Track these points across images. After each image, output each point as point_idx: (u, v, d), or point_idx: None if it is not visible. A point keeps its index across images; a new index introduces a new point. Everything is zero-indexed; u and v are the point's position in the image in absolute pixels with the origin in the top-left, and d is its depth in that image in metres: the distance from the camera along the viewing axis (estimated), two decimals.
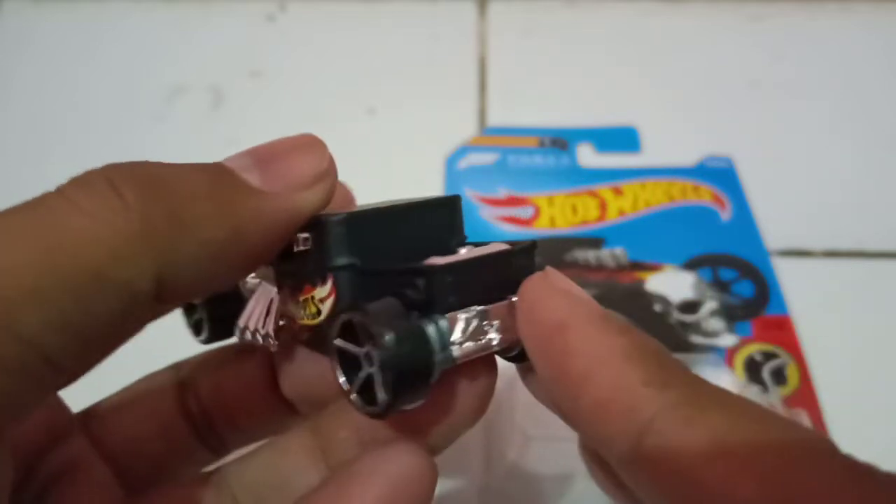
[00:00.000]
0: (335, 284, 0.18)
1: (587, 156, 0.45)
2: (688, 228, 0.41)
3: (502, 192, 0.43)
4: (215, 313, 0.22)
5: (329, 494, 0.17)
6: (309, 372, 0.22)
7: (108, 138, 0.46)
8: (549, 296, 0.17)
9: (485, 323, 0.18)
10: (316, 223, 0.18)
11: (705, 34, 0.51)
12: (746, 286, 0.38)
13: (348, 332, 0.17)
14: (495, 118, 0.47)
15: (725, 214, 0.42)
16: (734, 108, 0.47)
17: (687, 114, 0.47)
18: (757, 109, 0.47)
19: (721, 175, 0.43)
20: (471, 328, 0.17)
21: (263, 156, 0.18)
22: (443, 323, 0.17)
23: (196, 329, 0.23)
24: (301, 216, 0.18)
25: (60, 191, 0.16)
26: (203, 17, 0.52)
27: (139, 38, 0.51)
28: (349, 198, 0.23)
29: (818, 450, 0.14)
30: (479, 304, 0.17)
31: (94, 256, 0.14)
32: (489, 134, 0.46)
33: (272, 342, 0.20)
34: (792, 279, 0.39)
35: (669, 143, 0.45)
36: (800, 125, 0.46)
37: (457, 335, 0.17)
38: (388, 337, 0.16)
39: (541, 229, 0.41)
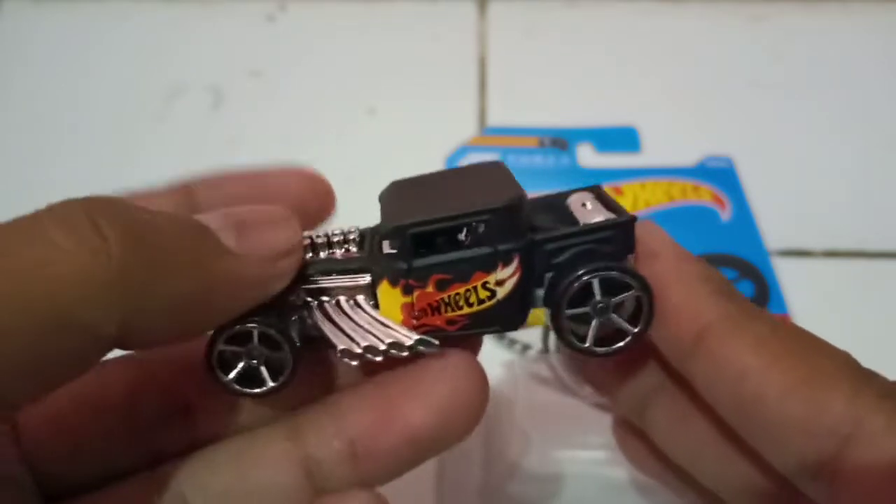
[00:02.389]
0: (521, 262, 0.20)
1: (587, 156, 0.45)
2: (688, 228, 0.41)
3: None
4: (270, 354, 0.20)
5: (401, 388, 0.19)
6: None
7: (108, 138, 0.46)
8: (648, 234, 0.21)
9: None
10: (486, 210, 0.20)
11: (705, 34, 0.51)
12: (746, 286, 0.38)
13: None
14: (495, 118, 0.47)
15: (725, 214, 0.42)
16: (734, 108, 0.47)
17: (687, 114, 0.47)
18: (757, 109, 0.47)
19: (721, 175, 0.43)
20: None
21: (241, 221, 0.18)
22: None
23: (244, 381, 0.20)
24: (267, 285, 0.18)
25: (39, 220, 0.15)
26: (203, 17, 0.52)
27: (139, 38, 0.51)
28: (327, 190, 0.24)
29: (836, 353, 0.19)
30: None
31: (65, 297, 0.14)
32: (489, 134, 0.46)
33: (405, 350, 0.20)
34: (792, 279, 0.39)
35: (669, 143, 0.45)
36: (800, 125, 0.46)
37: None
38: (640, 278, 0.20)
39: None
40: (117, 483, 0.20)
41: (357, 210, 0.23)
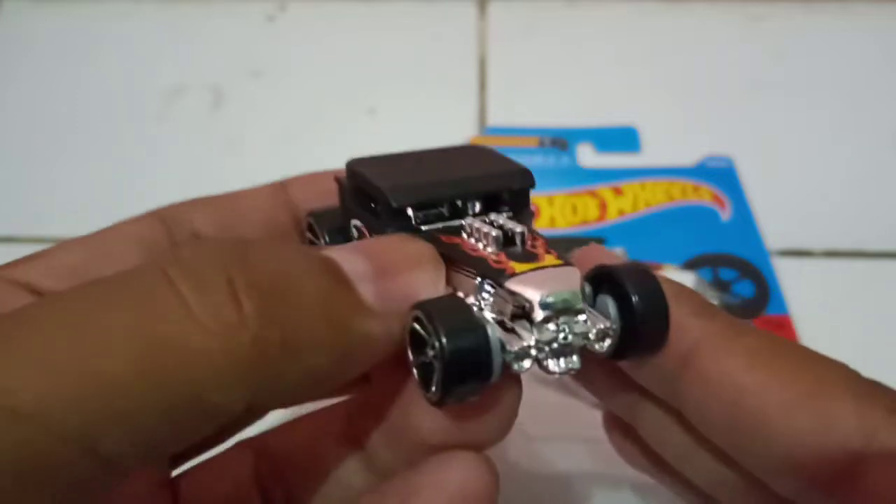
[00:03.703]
0: None
1: (587, 156, 0.45)
2: (688, 228, 0.41)
3: None
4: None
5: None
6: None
7: (108, 138, 0.46)
8: (606, 256, 0.20)
9: None
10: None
11: (705, 34, 0.51)
12: (746, 286, 0.38)
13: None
14: (495, 118, 0.47)
15: (725, 214, 0.42)
16: (734, 108, 0.47)
17: (687, 114, 0.47)
18: (757, 109, 0.47)
19: (721, 175, 0.43)
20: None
21: (383, 265, 0.16)
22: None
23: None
24: (395, 343, 0.16)
25: (170, 279, 0.13)
26: (203, 17, 0.52)
27: (139, 38, 0.51)
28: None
29: (835, 364, 0.18)
30: None
31: (198, 380, 0.13)
32: (489, 134, 0.46)
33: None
34: (792, 279, 0.39)
35: (669, 143, 0.45)
36: (800, 125, 0.46)
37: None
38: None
39: (541, 229, 0.41)
40: (229, 449, 0.21)
41: None
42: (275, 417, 0.22)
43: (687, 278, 0.39)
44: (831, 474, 0.17)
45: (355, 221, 0.21)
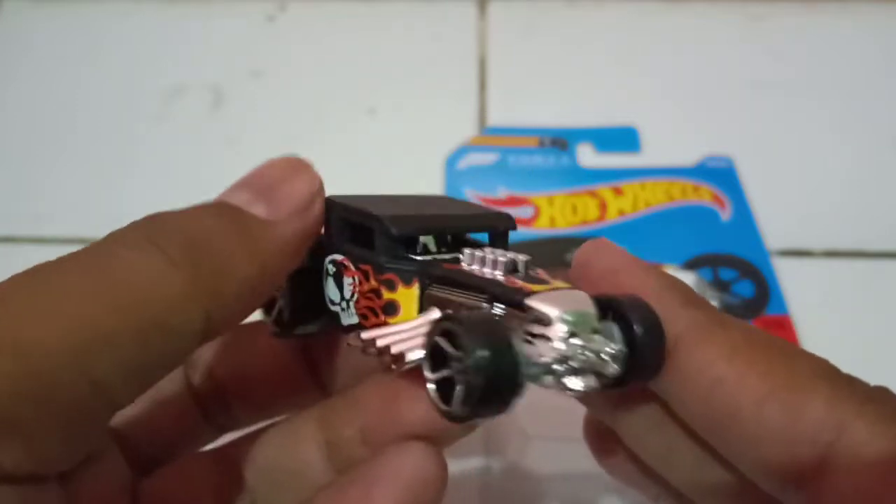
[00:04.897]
0: None
1: (587, 156, 0.45)
2: (688, 228, 0.41)
3: (502, 192, 0.43)
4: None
5: (350, 496, 0.19)
6: (353, 364, 0.24)
7: (108, 138, 0.46)
8: (603, 251, 0.21)
9: None
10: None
11: (705, 34, 0.51)
12: (746, 286, 0.38)
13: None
14: (495, 118, 0.47)
15: (725, 214, 0.42)
16: (734, 108, 0.47)
17: (687, 114, 0.47)
18: (757, 109, 0.47)
19: (721, 175, 0.43)
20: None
21: (260, 186, 0.20)
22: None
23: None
24: (307, 234, 0.20)
25: (111, 245, 0.17)
26: (203, 17, 0.52)
27: (139, 38, 0.51)
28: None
29: (814, 359, 0.18)
30: None
31: (156, 310, 0.16)
32: (489, 134, 0.46)
33: None
34: (792, 279, 0.39)
35: (669, 143, 0.45)
36: (800, 125, 0.46)
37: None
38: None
39: (541, 229, 0.41)
40: (188, 457, 0.24)
41: None
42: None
43: (687, 278, 0.39)
44: (800, 467, 0.17)
45: (334, 257, 0.22)
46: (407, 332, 0.19)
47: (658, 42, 0.51)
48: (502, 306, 0.18)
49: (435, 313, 0.20)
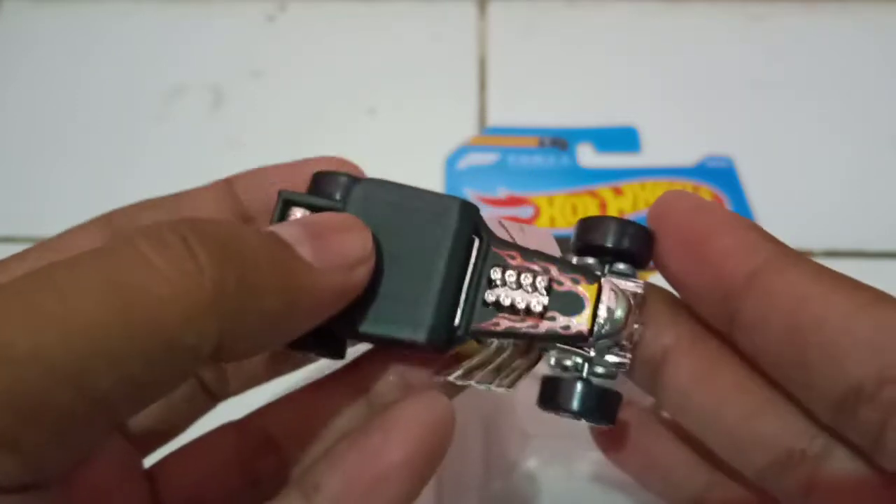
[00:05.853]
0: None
1: (587, 156, 0.45)
2: None
3: (502, 192, 0.43)
4: None
5: (370, 441, 0.19)
6: None
7: (108, 138, 0.46)
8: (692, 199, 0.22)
9: None
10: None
11: (705, 34, 0.51)
12: None
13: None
14: (495, 118, 0.47)
15: None
16: (734, 108, 0.47)
17: (687, 114, 0.47)
18: (757, 109, 0.47)
19: (721, 175, 0.43)
20: None
21: (315, 231, 0.19)
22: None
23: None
24: (345, 294, 0.19)
25: (132, 244, 0.15)
26: (203, 17, 0.52)
27: (139, 38, 0.51)
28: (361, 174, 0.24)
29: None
30: None
31: (168, 321, 0.15)
32: (489, 134, 0.46)
33: None
34: None
35: (669, 143, 0.45)
36: (800, 125, 0.46)
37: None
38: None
39: (540, 229, 0.41)
40: (208, 434, 0.23)
41: None
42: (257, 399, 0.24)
43: None
44: (881, 376, 0.18)
45: None
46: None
47: (658, 42, 0.51)
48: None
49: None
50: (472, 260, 0.21)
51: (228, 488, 0.23)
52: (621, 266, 0.22)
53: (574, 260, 0.22)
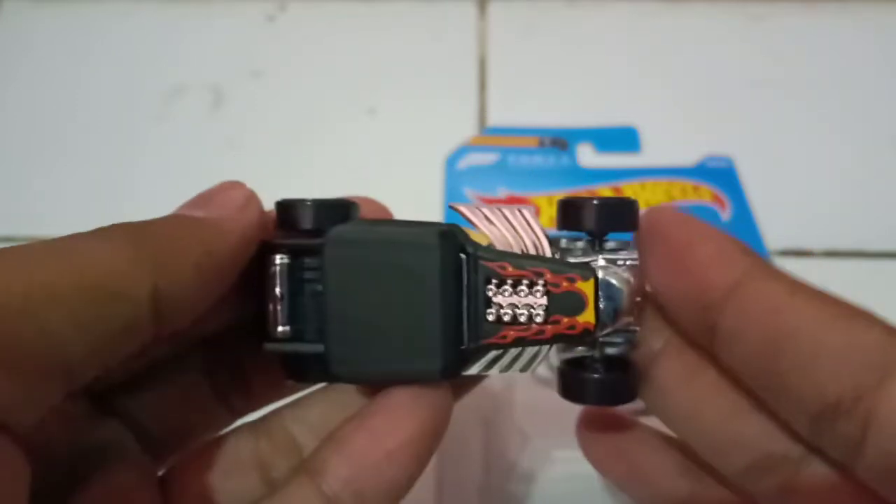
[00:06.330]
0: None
1: (587, 156, 0.45)
2: None
3: (502, 192, 0.43)
4: None
5: (375, 422, 0.20)
6: None
7: (108, 138, 0.46)
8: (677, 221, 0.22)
9: None
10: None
11: (705, 34, 0.51)
12: None
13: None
14: (495, 118, 0.47)
15: (725, 214, 0.42)
16: (734, 108, 0.47)
17: (687, 114, 0.47)
18: (757, 109, 0.47)
19: (721, 175, 0.43)
20: None
21: (198, 200, 0.22)
22: None
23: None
24: (247, 229, 0.22)
25: (69, 237, 0.19)
26: (203, 17, 0.52)
27: (139, 38, 0.51)
28: (385, 210, 0.25)
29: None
30: None
31: (100, 273, 0.18)
32: (489, 134, 0.46)
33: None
34: None
35: (669, 143, 0.45)
36: (800, 125, 0.46)
37: None
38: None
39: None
40: (224, 434, 0.24)
41: None
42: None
43: None
44: (854, 390, 0.18)
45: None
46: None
47: (658, 42, 0.51)
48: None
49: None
50: (465, 278, 0.21)
51: (244, 491, 0.23)
52: (612, 244, 0.22)
53: (563, 242, 0.22)
